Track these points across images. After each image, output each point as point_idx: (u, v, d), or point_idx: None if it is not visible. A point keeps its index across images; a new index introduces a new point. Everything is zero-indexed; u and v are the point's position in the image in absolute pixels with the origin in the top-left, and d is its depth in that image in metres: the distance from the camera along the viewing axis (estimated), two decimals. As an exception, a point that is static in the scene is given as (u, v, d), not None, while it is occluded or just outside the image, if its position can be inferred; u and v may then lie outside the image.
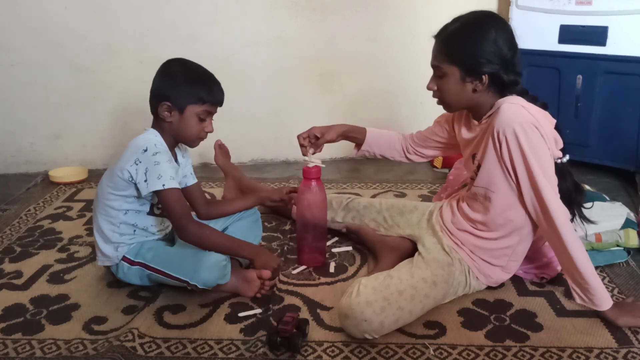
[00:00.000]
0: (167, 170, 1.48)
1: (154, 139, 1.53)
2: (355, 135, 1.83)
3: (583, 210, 1.54)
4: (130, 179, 1.49)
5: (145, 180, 1.47)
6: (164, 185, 1.46)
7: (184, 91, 1.51)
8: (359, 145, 1.84)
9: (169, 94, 1.51)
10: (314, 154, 1.75)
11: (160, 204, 1.55)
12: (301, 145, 1.75)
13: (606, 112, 2.35)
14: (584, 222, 1.54)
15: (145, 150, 1.48)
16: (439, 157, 2.63)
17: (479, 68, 1.41)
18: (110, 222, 1.56)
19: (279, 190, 1.79)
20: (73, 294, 1.62)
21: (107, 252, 1.58)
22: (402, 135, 1.84)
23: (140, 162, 1.48)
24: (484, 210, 1.50)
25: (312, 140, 1.76)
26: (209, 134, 1.59)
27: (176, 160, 1.62)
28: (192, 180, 1.71)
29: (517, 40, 1.44)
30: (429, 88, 1.51)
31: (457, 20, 1.45)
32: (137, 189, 1.50)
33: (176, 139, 1.58)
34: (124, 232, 1.57)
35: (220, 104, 1.59)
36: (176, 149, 1.63)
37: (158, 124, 1.56)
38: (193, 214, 1.77)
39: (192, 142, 1.60)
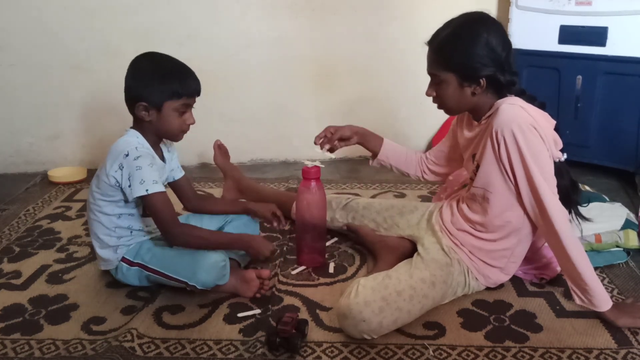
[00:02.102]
0: (149, 174, 1.46)
1: (135, 142, 1.51)
2: (371, 141, 1.79)
3: (579, 208, 1.54)
4: (117, 184, 1.49)
5: (129, 186, 1.47)
6: (147, 190, 1.45)
7: (158, 89, 1.48)
8: (374, 154, 1.81)
9: (143, 94, 1.48)
10: (329, 150, 1.74)
11: (146, 208, 1.54)
12: (317, 142, 1.74)
13: (606, 112, 2.35)
14: (580, 220, 1.54)
15: (127, 155, 1.47)
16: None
17: (475, 73, 1.41)
18: (105, 227, 1.56)
19: (264, 206, 1.74)
20: (72, 294, 1.62)
21: (106, 257, 1.58)
22: (420, 153, 1.82)
23: (123, 167, 1.47)
24: (483, 211, 1.50)
25: (328, 136, 1.74)
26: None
27: (162, 157, 1.61)
28: (179, 173, 1.71)
29: (510, 39, 1.44)
30: (427, 94, 1.51)
31: (448, 25, 1.45)
32: (124, 194, 1.50)
33: (159, 136, 1.57)
34: (121, 235, 1.57)
35: (197, 94, 1.54)
36: (161, 145, 1.62)
37: (138, 123, 1.55)
38: (186, 215, 1.77)
39: (175, 137, 1.58)
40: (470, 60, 1.40)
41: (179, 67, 1.53)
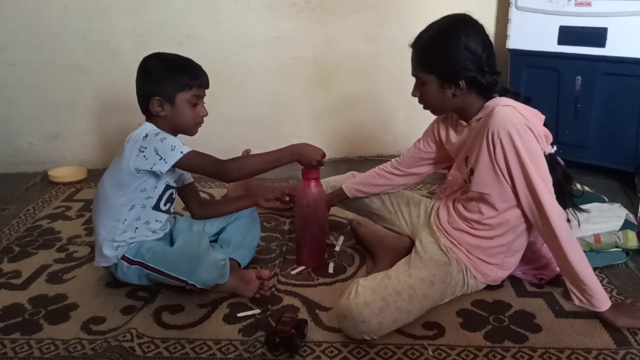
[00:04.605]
0: (176, 140, 1.50)
1: (152, 126, 1.54)
2: (339, 199, 1.85)
3: (574, 199, 1.54)
4: (138, 171, 1.49)
5: (161, 158, 1.47)
6: (181, 152, 1.47)
7: (169, 82, 1.52)
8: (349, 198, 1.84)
9: (156, 90, 1.52)
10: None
11: (187, 170, 1.59)
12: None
13: (605, 113, 2.35)
14: (577, 212, 1.54)
15: (146, 136, 1.49)
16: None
17: (455, 75, 1.42)
18: (114, 219, 1.55)
19: (272, 189, 1.75)
20: (71, 293, 1.62)
21: (106, 253, 1.58)
22: (383, 166, 1.79)
23: (145, 148, 1.48)
24: (479, 211, 1.51)
25: None
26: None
27: None
28: (189, 178, 1.72)
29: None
30: (413, 95, 1.53)
31: (429, 28, 1.47)
32: (154, 174, 1.51)
33: (174, 131, 1.58)
34: (126, 229, 1.56)
35: (207, 85, 1.59)
36: None
37: (152, 121, 1.56)
38: (188, 215, 1.77)
39: (191, 130, 1.60)
40: (448, 63, 1.42)
41: (186, 61, 1.58)
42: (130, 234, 1.57)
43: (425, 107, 1.54)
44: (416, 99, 1.54)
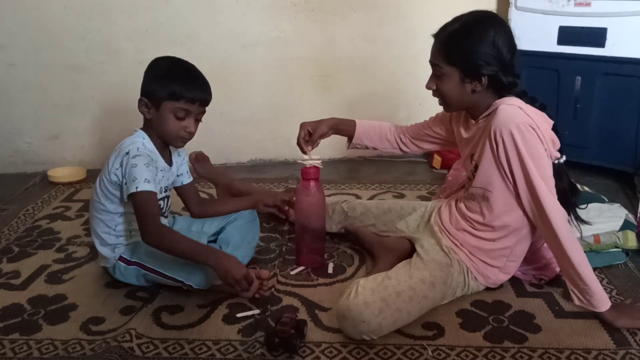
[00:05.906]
0: (142, 173, 1.44)
1: (139, 142, 1.52)
2: (345, 128, 1.81)
3: (578, 211, 1.54)
4: (117, 182, 1.50)
5: (126, 183, 1.47)
6: (137, 187, 1.43)
7: (159, 87, 1.49)
8: (350, 139, 1.83)
9: (147, 90, 1.51)
10: (311, 150, 1.74)
11: (132, 206, 1.46)
12: (300, 146, 1.74)
13: (605, 113, 2.35)
14: (579, 223, 1.54)
15: (127, 153, 1.48)
16: (437, 158, 2.64)
17: (477, 70, 1.41)
18: (106, 226, 1.56)
19: (273, 195, 1.73)
20: (71, 294, 1.62)
21: (105, 254, 1.58)
22: (395, 126, 1.83)
23: (123, 164, 1.48)
24: (481, 211, 1.51)
25: (307, 137, 1.75)
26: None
27: (170, 160, 1.62)
28: (187, 179, 1.71)
29: (516, 41, 1.44)
30: (428, 87, 1.51)
31: (456, 20, 1.45)
32: (122, 192, 1.50)
33: (161, 138, 1.56)
34: (120, 234, 1.57)
35: (201, 102, 1.51)
36: (171, 148, 1.63)
37: (146, 124, 1.56)
38: (187, 215, 1.77)
39: (173, 141, 1.55)
40: (475, 56, 1.40)
41: (188, 72, 1.53)
42: (126, 237, 1.58)
43: (440, 102, 1.53)
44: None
